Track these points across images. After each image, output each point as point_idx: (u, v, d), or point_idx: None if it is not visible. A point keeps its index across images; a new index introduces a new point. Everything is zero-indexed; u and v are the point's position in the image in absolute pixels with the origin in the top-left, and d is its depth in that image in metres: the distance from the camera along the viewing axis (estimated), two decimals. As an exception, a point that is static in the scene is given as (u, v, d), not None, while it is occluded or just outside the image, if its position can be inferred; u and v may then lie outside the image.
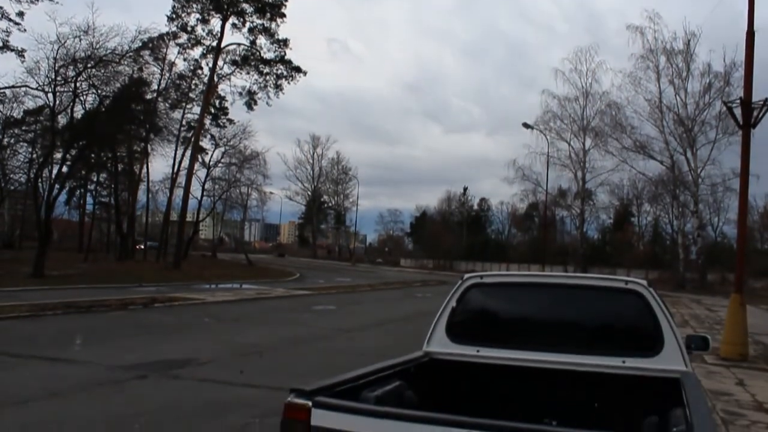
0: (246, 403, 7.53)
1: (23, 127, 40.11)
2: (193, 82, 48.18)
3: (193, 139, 46.52)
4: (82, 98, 30.28)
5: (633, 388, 4.10)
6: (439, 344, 4.59)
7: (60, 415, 6.71)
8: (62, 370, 8.97)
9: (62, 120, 31.33)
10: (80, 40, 28.32)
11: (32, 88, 29.82)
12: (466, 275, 4.75)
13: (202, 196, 59.43)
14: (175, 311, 17.79)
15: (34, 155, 40.82)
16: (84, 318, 15.12)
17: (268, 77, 47.04)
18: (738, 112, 13.37)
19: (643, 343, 4.16)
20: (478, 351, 4.48)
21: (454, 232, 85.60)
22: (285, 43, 46.21)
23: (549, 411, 4.27)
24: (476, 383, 4.51)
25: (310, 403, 2.91)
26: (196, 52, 46.72)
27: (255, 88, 47.63)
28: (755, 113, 13.02)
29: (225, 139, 57.14)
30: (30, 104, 35.62)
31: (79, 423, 6.44)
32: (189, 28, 44.94)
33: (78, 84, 29.04)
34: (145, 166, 50.56)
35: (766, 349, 13.89)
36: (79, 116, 31.19)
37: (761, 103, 12.98)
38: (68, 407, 7.08)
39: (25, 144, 41.68)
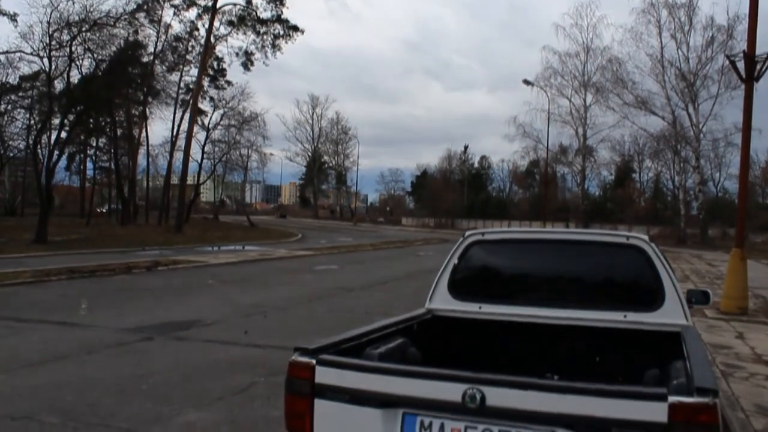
0: (251, 363, 7.63)
1: (20, 93, 39.85)
2: (190, 44, 47.85)
3: (191, 102, 46.25)
4: (77, 63, 30.06)
5: (634, 342, 4.15)
6: (442, 301, 4.62)
7: (69, 377, 6.81)
8: (69, 334, 9.07)
9: (59, 85, 31.15)
10: (74, 3, 28.06)
11: (27, 54, 29.64)
12: (468, 232, 4.76)
13: (203, 158, 59.40)
14: (178, 274, 17.90)
15: (32, 121, 40.68)
16: (88, 282, 15.22)
17: (265, 37, 46.63)
18: (741, 65, 13.22)
19: (644, 298, 4.19)
20: (480, 307, 4.52)
21: (455, 190, 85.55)
22: (281, 1, 45.63)
23: (550, 365, 4.32)
24: (478, 339, 4.55)
25: (314, 362, 2.94)
26: (192, 13, 46.32)
27: (252, 48, 47.28)
28: (758, 67, 12.88)
29: (224, 101, 56.90)
30: (25, 70, 35.41)
31: (87, 384, 6.53)
32: (184, -12, 44.35)
33: (73, 48, 28.80)
34: (144, 130, 50.48)
35: (766, 303, 13.98)
36: (76, 81, 31.00)
37: (765, 56, 12.84)
38: (77, 369, 7.17)
39: (23, 110, 41.56)
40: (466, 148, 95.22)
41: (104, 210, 59.95)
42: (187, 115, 46.76)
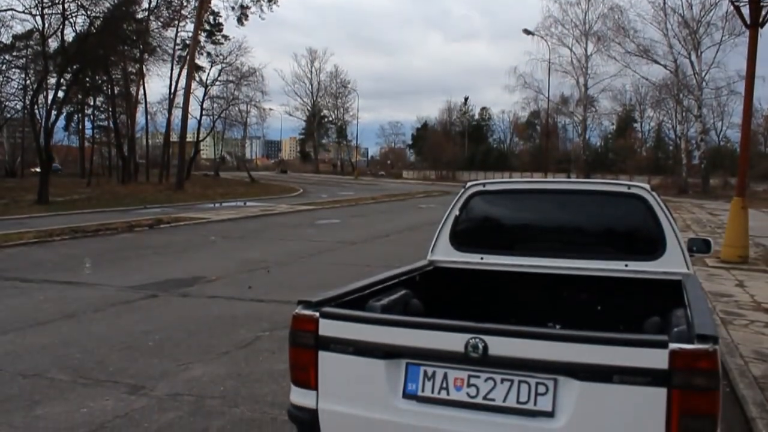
0: (255, 318, 7.70)
1: (14, 53, 39.38)
2: (185, -2, 46.93)
3: (188, 58, 45.74)
4: (71, 20, 29.56)
5: (635, 290, 4.17)
6: (443, 253, 4.63)
7: (76, 335, 6.89)
8: (74, 293, 9.14)
9: (53, 44, 30.75)
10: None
11: (19, 12, 29.20)
12: (469, 183, 4.74)
13: (201, 115, 59.07)
14: (181, 231, 17.95)
15: (28, 81, 40.27)
16: (91, 242, 15.28)
17: (260, -11, 45.80)
18: (746, 11, 12.99)
19: (646, 247, 4.20)
20: (481, 258, 4.53)
21: (456, 142, 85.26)
22: (276, -48, 44.72)
23: (552, 315, 4.35)
24: (480, 290, 4.58)
25: (317, 314, 2.96)
26: (186, -35, 45.32)
27: (247, 1, 46.49)
28: (764, 12, 12.64)
29: (221, 57, 56.37)
30: (18, 29, 34.94)
31: (95, 342, 6.61)
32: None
33: (66, 5, 28.32)
34: (141, 88, 50.12)
35: (767, 251, 14.04)
36: (70, 39, 30.57)
37: (770, 0, 12.60)
38: (83, 327, 7.25)
39: (18, 70, 41.03)
40: (466, 99, 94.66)
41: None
42: (184, 72, 46.34)
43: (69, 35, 30.42)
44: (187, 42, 48.03)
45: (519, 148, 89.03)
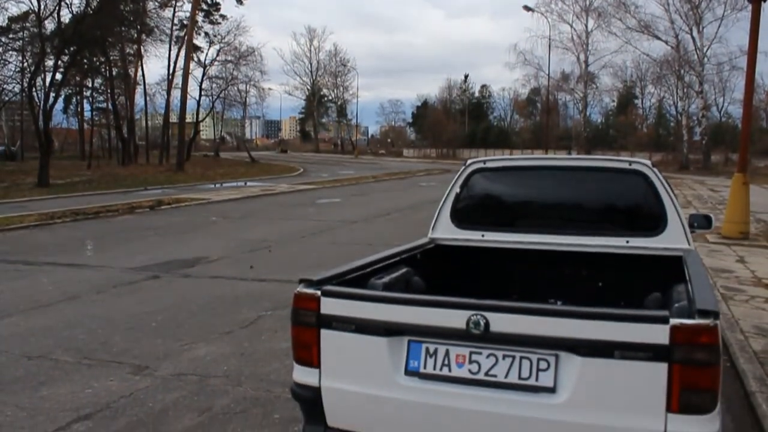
0: (257, 297, 7.73)
1: (10, 35, 39.05)
2: (181, -24, 46.56)
3: (186, 38, 45.42)
4: (67, 1, 29.41)
5: (636, 267, 4.18)
6: (444, 230, 4.64)
7: (80, 317, 6.92)
8: (77, 275, 9.17)
9: (50, 26, 30.49)
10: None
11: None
12: (470, 160, 4.73)
13: (200, 95, 58.84)
14: (182, 212, 17.96)
15: (26, 64, 39.98)
16: (93, 224, 15.30)
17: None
18: (749, -16, 12.87)
19: (647, 223, 4.20)
20: (483, 235, 4.53)
21: (456, 120, 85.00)
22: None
23: (553, 292, 4.36)
24: (481, 267, 4.59)
25: (319, 293, 2.97)
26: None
27: (245, -21, 46.04)
28: (766, -15, 12.55)
29: (219, 36, 56.03)
30: (14, 10, 34.65)
31: (98, 323, 6.64)
32: None
33: (62, -15, 28.06)
34: (139, 69, 49.81)
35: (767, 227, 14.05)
36: (67, 20, 30.32)
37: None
38: (87, 309, 7.28)
39: (15, 52, 40.70)
40: (466, 77, 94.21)
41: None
42: (182, 52, 46.11)
43: (65, 16, 30.23)
44: (185, 22, 47.73)
45: (519, 126, 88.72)
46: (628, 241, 4.19)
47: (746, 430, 4.18)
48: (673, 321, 2.43)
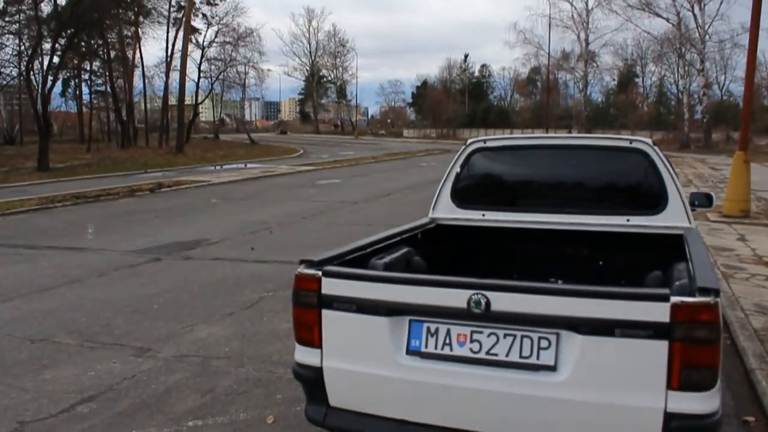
0: (259, 278, 7.75)
1: (6, 18, 38.75)
2: (178, -43, 46.19)
3: (184, 20, 45.11)
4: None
5: (637, 245, 4.18)
6: (445, 210, 4.64)
7: (82, 300, 6.94)
8: (78, 258, 9.19)
9: (46, 8, 30.26)
10: None
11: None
12: (470, 140, 4.72)
13: (199, 77, 58.64)
14: (182, 194, 17.96)
15: (23, 47, 39.73)
16: (93, 207, 15.30)
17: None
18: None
19: (647, 201, 4.19)
20: (483, 215, 4.53)
21: (456, 100, 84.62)
22: None
23: (554, 271, 4.37)
24: (482, 247, 4.59)
25: (320, 273, 2.97)
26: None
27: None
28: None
29: (217, 18, 55.70)
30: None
31: (100, 306, 6.66)
32: None
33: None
34: (138, 51, 49.57)
35: (769, 203, 14.03)
36: (63, 3, 30.09)
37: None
38: (89, 292, 7.30)
39: (11, 36, 40.42)
40: (466, 56, 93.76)
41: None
42: (180, 34, 45.78)
43: (62, -2, 30.01)
44: (183, 3, 47.47)
45: (520, 105, 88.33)
46: (628, 220, 4.19)
47: (746, 406, 4.20)
48: (674, 299, 2.43)
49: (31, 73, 32.25)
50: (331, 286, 2.94)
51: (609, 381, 2.54)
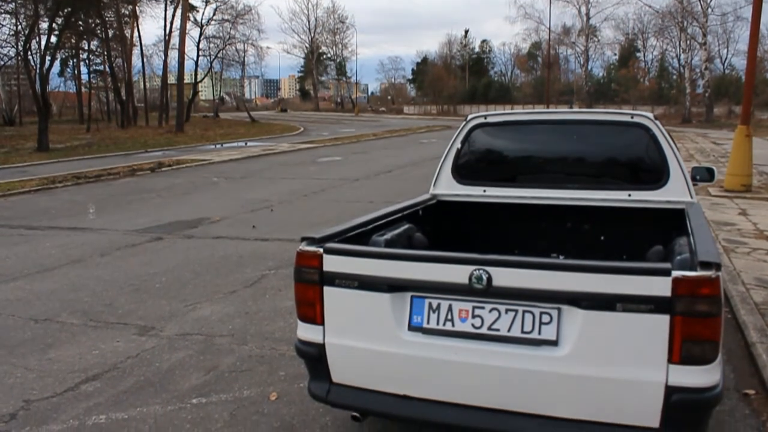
0: (260, 256, 7.76)
1: (0, -2, 38.39)
2: (175, -67, 45.67)
3: (181, -3, 44.70)
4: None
5: (639, 220, 4.17)
6: (446, 186, 4.63)
7: (84, 280, 6.96)
8: (80, 238, 9.20)
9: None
10: None
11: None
12: (470, 116, 4.70)
13: (198, 56, 58.13)
14: (182, 173, 17.93)
15: (19, 27, 39.45)
16: (94, 187, 15.29)
17: None
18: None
19: (649, 176, 4.18)
20: (484, 191, 4.53)
21: (457, 76, 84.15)
22: None
23: (555, 246, 4.38)
24: (483, 222, 4.59)
25: (321, 250, 2.97)
26: None
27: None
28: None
29: (215, -5, 55.13)
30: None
31: (103, 286, 6.68)
32: None
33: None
34: (136, 30, 49.15)
35: (770, 177, 13.99)
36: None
37: None
38: (91, 272, 7.32)
39: (8, 15, 40.06)
40: (466, 32, 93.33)
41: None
42: (178, 12, 45.32)
43: (58, -24, 29.66)
44: (180, -19, 46.96)
45: (520, 81, 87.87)
46: (630, 195, 4.19)
47: (746, 379, 4.22)
48: (675, 273, 2.43)
49: (29, 53, 32.03)
50: (332, 263, 2.94)
51: (610, 355, 2.55)
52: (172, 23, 47.53)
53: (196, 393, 4.13)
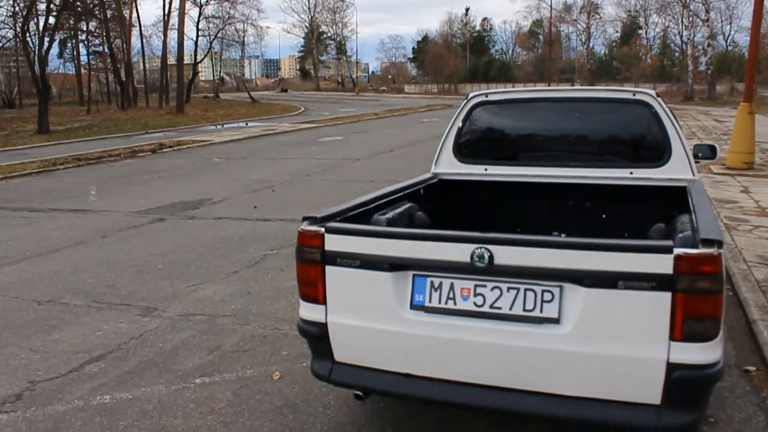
0: (262, 237, 7.78)
1: (-1, -22, 38.09)
2: None
3: (180, -23, 44.34)
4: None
5: (640, 198, 4.16)
6: (447, 165, 4.62)
7: (87, 261, 6.98)
8: (81, 220, 9.21)
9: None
10: None
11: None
12: (471, 94, 4.68)
13: (198, 36, 57.87)
14: (183, 154, 17.90)
15: (17, 8, 39.13)
16: (95, 169, 15.28)
17: None
18: None
19: (651, 154, 4.17)
20: (486, 169, 4.52)
21: (458, 54, 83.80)
22: None
23: (557, 224, 4.37)
24: (485, 201, 4.59)
25: (322, 230, 2.97)
26: None
27: None
28: None
29: (214, -26, 54.73)
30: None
31: (105, 267, 6.70)
32: None
33: None
34: (134, 10, 48.83)
35: (773, 155, 13.95)
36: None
37: None
38: (93, 254, 7.33)
39: (5, -3, 39.80)
40: (467, 10, 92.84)
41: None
42: (177, -9, 45.03)
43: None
44: (178, -40, 46.52)
45: (522, 59, 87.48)
46: (631, 173, 4.17)
47: (747, 356, 4.24)
48: (677, 251, 2.43)
49: (27, 34, 31.83)
50: (334, 242, 2.94)
51: (612, 333, 2.55)
52: (171, 3, 47.26)
53: (200, 373, 4.16)
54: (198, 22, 56.88)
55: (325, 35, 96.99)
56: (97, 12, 42.87)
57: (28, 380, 4.12)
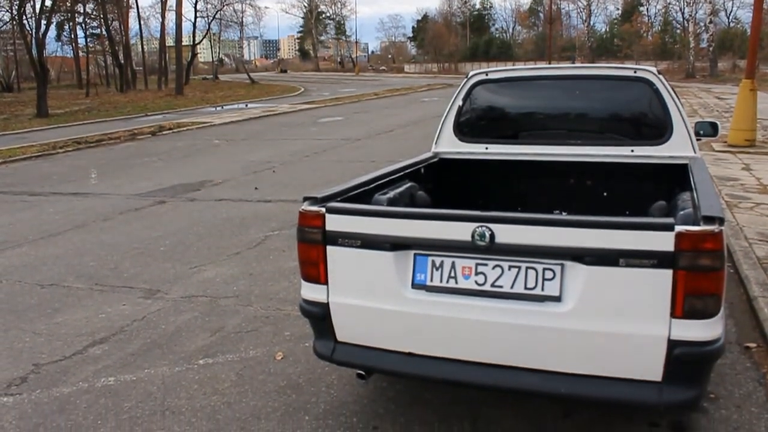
0: (263, 218, 7.78)
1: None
2: None
3: (177, -44, 43.97)
4: None
5: (641, 175, 4.16)
6: (448, 144, 4.61)
7: (89, 245, 6.99)
8: (82, 204, 9.21)
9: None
10: None
11: None
12: (471, 72, 4.65)
13: (196, 17, 57.58)
14: (183, 136, 17.86)
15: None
16: (95, 152, 15.25)
17: None
18: None
19: (652, 131, 4.15)
20: (486, 148, 4.51)
21: (458, 33, 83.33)
22: None
23: (558, 202, 4.36)
24: (486, 180, 4.58)
25: (323, 210, 2.97)
26: None
27: None
28: None
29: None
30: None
31: (107, 250, 6.71)
32: None
33: None
34: (131, -9, 48.45)
35: (775, 132, 13.89)
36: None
37: None
38: (95, 237, 7.34)
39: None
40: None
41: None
42: (174, -28, 44.70)
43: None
44: (175, -61, 46.09)
45: (522, 37, 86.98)
46: (633, 150, 4.16)
47: (748, 333, 4.26)
48: (678, 228, 2.43)
49: (24, 17, 31.60)
50: (335, 223, 2.94)
51: (613, 310, 2.56)
52: (168, -16, 46.88)
53: (203, 354, 4.18)
54: (196, 3, 56.61)
55: (324, 15, 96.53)
56: (93, -7, 42.57)
57: (32, 363, 4.14)
